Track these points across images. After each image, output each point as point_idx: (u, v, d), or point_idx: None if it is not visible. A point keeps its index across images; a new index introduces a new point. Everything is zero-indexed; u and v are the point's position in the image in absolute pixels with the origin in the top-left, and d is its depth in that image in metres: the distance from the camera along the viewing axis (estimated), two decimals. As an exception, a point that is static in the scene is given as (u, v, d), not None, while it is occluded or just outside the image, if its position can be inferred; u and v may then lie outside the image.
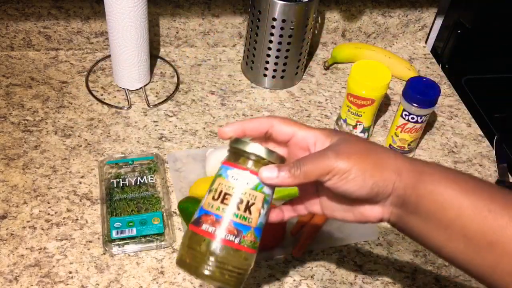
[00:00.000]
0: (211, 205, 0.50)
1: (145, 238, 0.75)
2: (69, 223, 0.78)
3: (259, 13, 0.95)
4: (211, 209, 0.49)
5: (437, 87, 0.88)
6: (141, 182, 0.83)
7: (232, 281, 0.49)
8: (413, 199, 0.48)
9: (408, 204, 0.48)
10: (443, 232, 0.47)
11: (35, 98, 0.95)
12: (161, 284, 0.72)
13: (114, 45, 0.92)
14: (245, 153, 0.50)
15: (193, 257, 0.49)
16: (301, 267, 0.76)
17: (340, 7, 1.11)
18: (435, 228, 0.47)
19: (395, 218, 0.50)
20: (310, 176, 0.48)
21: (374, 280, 0.76)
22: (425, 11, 1.16)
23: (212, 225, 0.49)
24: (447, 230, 0.47)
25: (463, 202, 0.46)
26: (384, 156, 0.49)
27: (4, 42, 1.02)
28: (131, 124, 0.93)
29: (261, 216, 0.50)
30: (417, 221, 0.48)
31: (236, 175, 0.50)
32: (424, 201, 0.47)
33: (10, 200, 0.79)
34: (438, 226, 0.47)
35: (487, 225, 0.45)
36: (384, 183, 0.48)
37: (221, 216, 0.49)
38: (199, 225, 0.50)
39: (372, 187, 0.48)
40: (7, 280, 0.70)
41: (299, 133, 0.52)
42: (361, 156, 0.48)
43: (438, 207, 0.47)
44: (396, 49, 1.20)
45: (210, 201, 0.50)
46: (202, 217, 0.50)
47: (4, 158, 0.85)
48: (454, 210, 0.46)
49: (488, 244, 0.45)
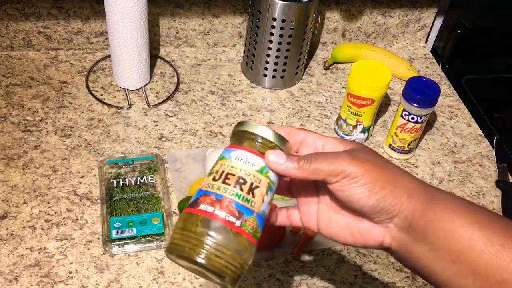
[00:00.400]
0: (211, 186, 0.45)
1: (145, 238, 0.75)
2: (69, 223, 0.78)
3: (259, 13, 0.95)
4: (211, 189, 0.45)
5: (437, 87, 0.88)
6: (141, 182, 0.83)
7: (228, 272, 0.44)
8: (422, 224, 0.44)
9: (415, 230, 0.44)
10: (451, 265, 0.43)
11: (35, 98, 0.95)
12: (161, 284, 0.72)
13: (114, 45, 0.92)
14: (252, 134, 0.47)
15: (187, 240, 0.43)
16: (301, 267, 0.76)
17: (340, 7, 1.11)
18: (442, 259, 0.43)
19: (398, 244, 0.46)
20: (319, 173, 0.45)
21: (374, 280, 0.76)
22: (425, 11, 1.16)
23: (212, 204, 0.44)
24: (455, 263, 0.43)
25: (475, 233, 0.42)
26: (398, 174, 0.46)
27: (4, 42, 1.02)
28: (131, 124, 0.93)
29: (265, 203, 0.46)
30: (423, 251, 0.44)
31: (241, 156, 0.46)
32: (433, 227, 0.43)
33: (10, 200, 0.79)
34: (446, 257, 0.43)
35: (499, 261, 0.41)
36: (393, 201, 0.45)
37: (222, 196, 0.44)
38: (196, 205, 0.45)
39: (379, 200, 0.44)
40: (7, 280, 0.70)
41: (311, 136, 0.50)
42: (376, 167, 0.45)
43: (447, 236, 0.43)
44: (396, 49, 1.20)
45: (210, 182, 0.46)
46: (200, 198, 0.45)
47: (4, 158, 0.85)
48: (465, 241, 0.42)
49: (498, 283, 0.41)
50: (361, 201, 0.45)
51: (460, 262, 0.42)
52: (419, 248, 0.44)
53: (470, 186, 0.92)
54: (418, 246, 0.44)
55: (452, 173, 0.94)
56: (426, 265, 0.44)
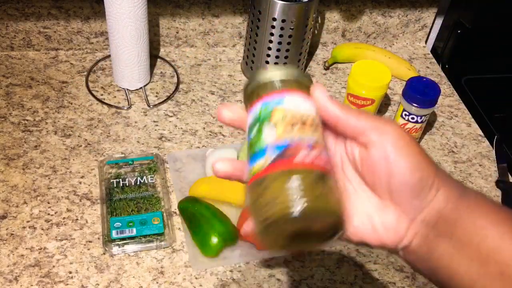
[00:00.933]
0: (288, 136, 0.39)
1: (145, 238, 0.75)
2: (69, 223, 0.78)
3: (259, 13, 0.95)
4: (296, 138, 0.39)
5: (437, 87, 0.88)
6: (141, 182, 0.83)
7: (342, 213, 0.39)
8: (453, 217, 0.39)
9: (444, 224, 0.39)
10: (477, 265, 0.38)
11: (35, 98, 0.95)
12: (161, 284, 0.72)
13: (114, 45, 0.92)
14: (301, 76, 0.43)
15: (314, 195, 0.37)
16: (301, 267, 0.76)
17: (340, 7, 1.11)
18: (468, 258, 0.38)
19: (420, 241, 0.40)
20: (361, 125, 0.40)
21: (374, 280, 0.76)
22: (425, 11, 1.16)
23: (307, 154, 0.38)
24: (482, 263, 0.38)
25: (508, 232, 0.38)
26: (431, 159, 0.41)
27: (4, 42, 1.02)
28: (131, 124, 0.93)
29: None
30: (447, 248, 0.39)
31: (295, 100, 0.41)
32: (463, 222, 0.38)
33: (10, 200, 0.79)
34: (472, 256, 0.38)
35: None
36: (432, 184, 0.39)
37: (312, 140, 0.39)
38: (290, 157, 0.38)
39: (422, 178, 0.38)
40: (7, 280, 0.70)
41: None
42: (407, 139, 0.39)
43: (477, 233, 0.38)
44: (396, 49, 1.20)
45: (284, 132, 0.39)
46: (287, 150, 0.39)
47: (4, 158, 0.85)
48: (496, 240, 0.38)
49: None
50: (406, 175, 0.38)
51: (489, 263, 0.38)
52: (444, 245, 0.39)
53: (470, 186, 0.92)
54: (443, 242, 0.39)
55: (452, 173, 0.94)
56: (448, 266, 0.39)
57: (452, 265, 0.39)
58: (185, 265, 0.75)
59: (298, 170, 0.38)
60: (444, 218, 0.39)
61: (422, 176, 0.38)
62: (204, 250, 0.75)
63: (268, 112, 0.41)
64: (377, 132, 0.39)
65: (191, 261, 0.74)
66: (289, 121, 0.40)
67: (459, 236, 0.38)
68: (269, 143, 0.39)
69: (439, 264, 0.40)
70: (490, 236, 0.38)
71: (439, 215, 0.39)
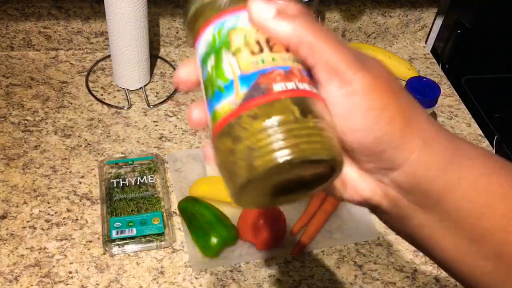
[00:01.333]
0: (262, 61, 0.31)
1: (145, 238, 0.75)
2: (69, 223, 0.78)
3: (259, 13, 0.94)
4: (267, 65, 0.31)
5: (437, 87, 0.88)
6: (141, 182, 0.83)
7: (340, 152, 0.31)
8: (437, 188, 0.31)
9: (423, 194, 0.32)
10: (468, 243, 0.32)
11: (35, 98, 0.95)
12: (161, 284, 0.72)
13: (114, 45, 0.92)
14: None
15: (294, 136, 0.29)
16: (301, 267, 0.76)
17: (340, 7, 1.11)
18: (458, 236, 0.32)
19: (392, 206, 0.33)
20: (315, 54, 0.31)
21: (374, 280, 0.76)
22: (425, 11, 1.16)
23: (288, 79, 0.30)
24: (474, 242, 0.31)
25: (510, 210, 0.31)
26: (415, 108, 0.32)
27: (4, 42, 1.02)
28: (131, 124, 0.93)
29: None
30: (430, 220, 0.32)
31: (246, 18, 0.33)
32: (452, 196, 0.31)
33: (10, 200, 0.79)
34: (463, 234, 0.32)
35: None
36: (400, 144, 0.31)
37: (288, 66, 0.31)
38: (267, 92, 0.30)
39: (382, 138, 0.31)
40: (7, 280, 0.70)
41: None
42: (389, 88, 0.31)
43: (473, 211, 0.31)
44: (396, 49, 1.20)
45: (252, 58, 0.31)
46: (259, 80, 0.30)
47: (4, 158, 0.85)
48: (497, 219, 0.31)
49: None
50: (358, 132, 0.31)
51: (483, 243, 0.31)
52: (423, 215, 0.32)
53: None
54: (423, 213, 0.32)
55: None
56: (429, 237, 0.33)
57: (434, 238, 0.33)
58: (185, 265, 0.75)
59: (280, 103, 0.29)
60: (423, 187, 0.31)
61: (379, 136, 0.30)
62: (204, 250, 0.74)
63: (224, 37, 0.32)
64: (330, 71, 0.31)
65: (191, 261, 0.74)
66: (253, 43, 0.31)
67: (447, 211, 0.31)
68: (234, 76, 0.31)
69: (419, 234, 0.33)
70: (488, 215, 0.31)
71: (416, 181, 0.31)
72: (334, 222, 0.82)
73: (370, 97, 0.30)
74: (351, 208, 0.84)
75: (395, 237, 0.82)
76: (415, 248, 0.81)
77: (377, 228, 0.82)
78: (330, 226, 0.81)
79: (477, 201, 0.31)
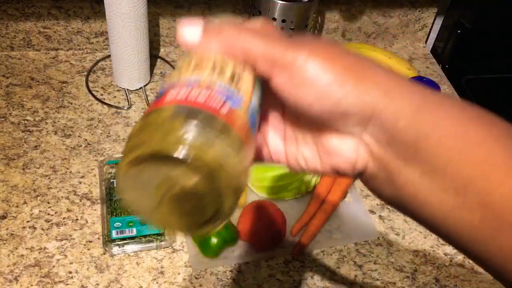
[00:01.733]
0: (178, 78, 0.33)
1: (145, 238, 0.75)
2: (69, 223, 0.78)
3: (259, 13, 0.95)
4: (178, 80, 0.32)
5: (437, 87, 0.88)
6: (141, 182, 0.83)
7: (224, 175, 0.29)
8: (410, 136, 0.30)
9: (401, 144, 0.31)
10: (452, 196, 0.30)
11: (35, 98, 0.95)
12: (161, 284, 0.72)
13: (114, 45, 0.92)
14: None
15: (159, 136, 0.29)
16: (301, 267, 0.76)
17: (340, 7, 1.11)
18: (441, 188, 0.30)
19: (376, 164, 0.32)
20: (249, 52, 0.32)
21: (374, 280, 0.76)
22: (425, 11, 1.16)
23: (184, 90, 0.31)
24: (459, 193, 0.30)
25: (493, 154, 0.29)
26: (368, 64, 0.32)
27: (4, 42, 1.02)
28: (131, 124, 0.93)
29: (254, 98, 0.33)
30: (412, 174, 0.31)
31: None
32: (428, 142, 0.30)
33: (10, 200, 0.79)
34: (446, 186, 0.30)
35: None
36: (359, 99, 0.30)
37: (197, 79, 0.32)
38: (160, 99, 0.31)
39: (338, 102, 0.30)
40: (7, 280, 0.70)
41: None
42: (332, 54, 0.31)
43: (451, 157, 0.30)
44: (396, 49, 1.20)
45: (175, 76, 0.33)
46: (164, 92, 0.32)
47: (4, 158, 0.85)
48: (477, 165, 0.30)
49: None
50: (311, 106, 0.31)
51: (466, 193, 0.30)
52: (407, 169, 0.31)
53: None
54: (405, 167, 0.31)
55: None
56: (415, 194, 0.32)
57: (419, 194, 0.31)
58: (185, 265, 0.75)
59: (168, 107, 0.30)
60: (398, 138, 0.31)
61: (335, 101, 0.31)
62: (204, 250, 0.75)
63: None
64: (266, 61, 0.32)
65: (191, 261, 0.74)
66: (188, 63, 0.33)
67: (426, 160, 0.30)
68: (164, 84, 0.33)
69: (405, 192, 0.32)
70: (469, 161, 0.30)
71: (390, 134, 0.31)
72: (334, 222, 0.82)
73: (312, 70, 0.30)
74: (351, 208, 0.84)
75: (395, 237, 0.82)
76: (415, 248, 0.81)
77: (377, 228, 0.82)
78: (330, 226, 0.81)
79: (454, 147, 0.30)
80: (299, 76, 0.30)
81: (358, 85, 0.30)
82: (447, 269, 0.79)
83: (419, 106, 0.30)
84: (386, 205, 0.86)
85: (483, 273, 0.79)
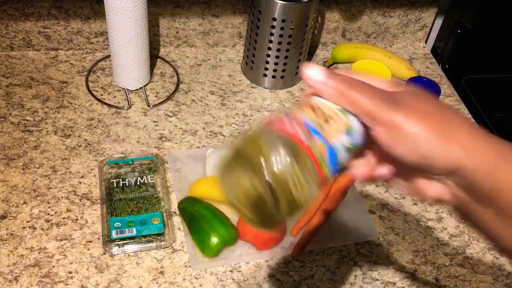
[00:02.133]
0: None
1: (145, 238, 0.75)
2: (69, 223, 0.78)
3: (259, 13, 0.95)
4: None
5: (437, 87, 0.88)
6: (141, 182, 0.83)
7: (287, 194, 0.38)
8: (487, 187, 0.38)
9: (478, 193, 0.39)
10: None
11: (35, 98, 0.95)
12: (161, 284, 0.72)
13: (114, 45, 0.92)
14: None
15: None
16: (301, 267, 0.76)
17: (340, 7, 1.11)
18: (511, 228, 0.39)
19: (459, 202, 0.41)
20: (358, 107, 0.40)
21: (374, 280, 0.76)
22: (425, 11, 1.16)
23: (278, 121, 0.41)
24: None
25: None
26: (454, 123, 0.39)
27: (4, 42, 1.02)
28: (131, 124, 0.93)
29: (340, 142, 0.41)
30: (488, 213, 0.39)
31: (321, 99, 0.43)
32: (503, 193, 0.37)
33: (10, 200, 0.79)
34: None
35: None
36: (444, 156, 0.38)
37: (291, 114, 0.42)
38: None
39: (423, 157, 0.38)
40: (7, 280, 0.70)
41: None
42: (421, 115, 0.39)
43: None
44: (396, 49, 1.20)
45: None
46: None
47: (4, 158, 0.85)
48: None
49: None
50: (403, 156, 0.39)
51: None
52: (484, 210, 0.39)
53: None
54: (482, 208, 0.39)
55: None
56: (490, 228, 0.40)
57: (495, 229, 0.40)
58: (185, 265, 0.75)
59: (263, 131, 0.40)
60: (477, 188, 0.38)
61: (422, 155, 0.38)
62: (204, 250, 0.75)
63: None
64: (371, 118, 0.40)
65: (191, 261, 0.74)
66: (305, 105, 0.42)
67: (500, 206, 0.38)
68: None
69: (483, 225, 0.41)
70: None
71: (470, 183, 0.38)
72: (334, 222, 0.82)
73: (405, 130, 0.38)
74: (351, 208, 0.84)
75: (395, 237, 0.82)
76: (415, 248, 0.81)
77: (377, 228, 0.82)
78: (330, 226, 0.81)
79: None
80: (394, 133, 0.38)
81: (442, 143, 0.38)
82: (447, 269, 0.79)
83: (496, 163, 0.38)
84: (386, 205, 0.86)
85: (483, 273, 0.79)
